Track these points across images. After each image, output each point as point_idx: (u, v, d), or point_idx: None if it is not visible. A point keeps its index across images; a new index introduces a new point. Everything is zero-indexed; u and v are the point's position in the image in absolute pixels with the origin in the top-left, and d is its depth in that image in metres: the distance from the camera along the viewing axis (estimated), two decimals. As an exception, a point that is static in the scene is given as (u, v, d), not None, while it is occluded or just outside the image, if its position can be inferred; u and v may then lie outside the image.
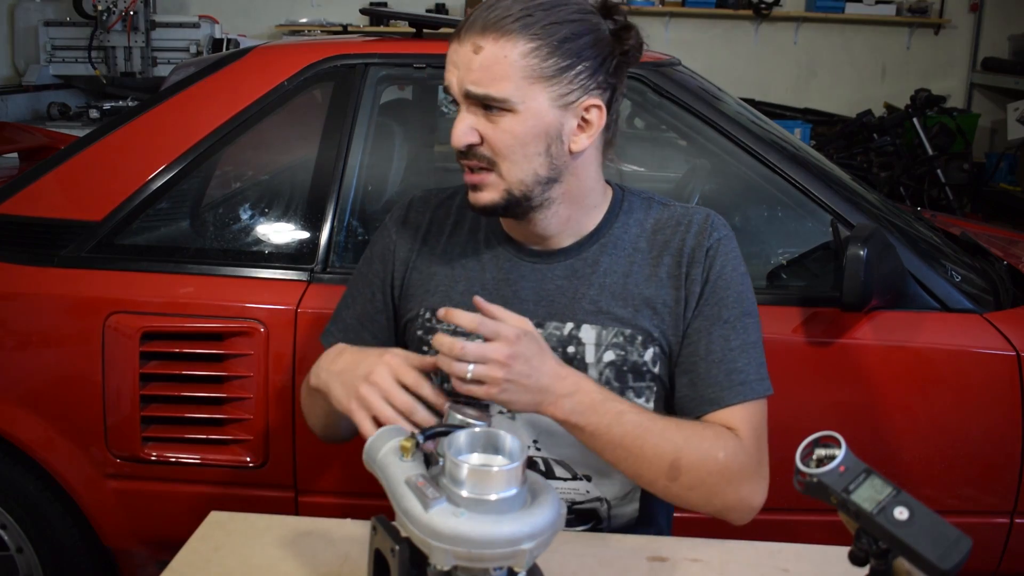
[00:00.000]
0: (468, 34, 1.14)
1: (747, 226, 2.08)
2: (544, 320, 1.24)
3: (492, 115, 1.15)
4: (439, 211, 1.35)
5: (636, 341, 1.22)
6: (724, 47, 6.58)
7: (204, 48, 5.39)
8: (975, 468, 1.79)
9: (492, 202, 1.19)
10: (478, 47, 1.13)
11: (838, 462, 0.87)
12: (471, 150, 1.17)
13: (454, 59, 1.16)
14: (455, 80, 1.16)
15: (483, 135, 1.16)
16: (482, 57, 1.13)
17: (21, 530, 1.86)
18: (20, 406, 1.82)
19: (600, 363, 1.22)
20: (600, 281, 1.24)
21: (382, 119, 2.10)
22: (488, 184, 1.18)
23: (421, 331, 1.28)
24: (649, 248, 1.26)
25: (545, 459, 1.25)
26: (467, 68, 1.14)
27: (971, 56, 6.63)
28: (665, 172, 2.59)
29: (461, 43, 1.15)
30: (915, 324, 1.78)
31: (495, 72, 1.13)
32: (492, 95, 1.14)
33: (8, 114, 5.09)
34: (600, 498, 1.26)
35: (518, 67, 1.14)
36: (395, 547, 0.89)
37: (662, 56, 2.15)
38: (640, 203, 1.30)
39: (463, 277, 1.28)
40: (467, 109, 1.16)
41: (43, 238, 1.87)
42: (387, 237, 1.35)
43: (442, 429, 0.92)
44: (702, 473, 1.14)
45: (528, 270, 1.26)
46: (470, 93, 1.14)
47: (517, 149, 1.16)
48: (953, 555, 0.80)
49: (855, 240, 1.64)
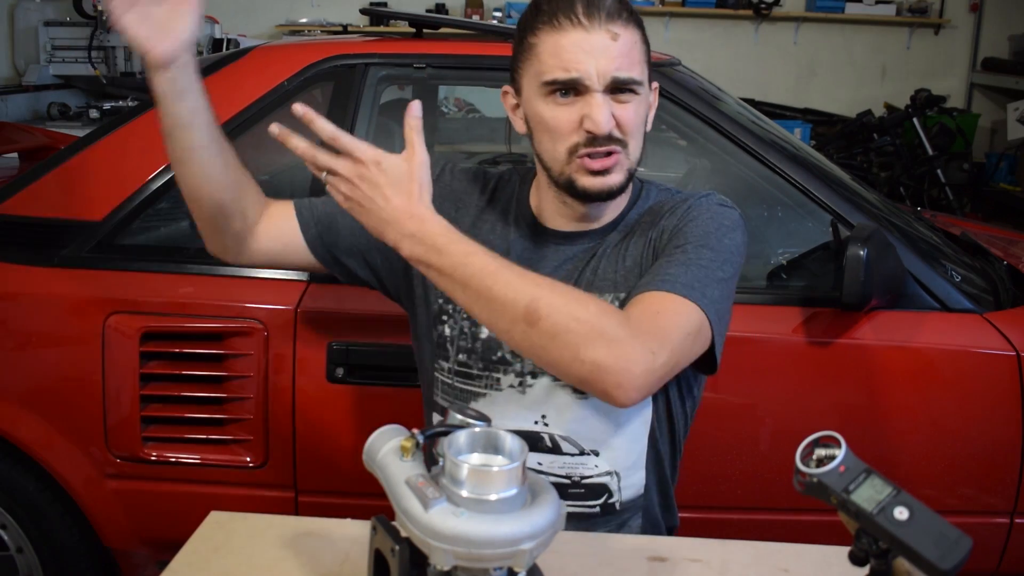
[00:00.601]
0: (595, 21, 1.17)
1: (747, 226, 2.08)
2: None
3: (622, 98, 1.19)
4: (475, 184, 1.38)
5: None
6: (724, 47, 6.58)
7: (204, 48, 5.39)
8: (975, 468, 1.79)
9: (619, 183, 1.22)
10: (615, 34, 1.17)
11: (838, 462, 0.87)
12: (609, 134, 1.19)
13: (585, 47, 1.17)
14: (593, 68, 1.16)
15: (617, 118, 1.19)
16: (620, 43, 1.17)
17: (21, 530, 1.86)
18: (20, 406, 1.82)
19: None
20: (603, 253, 1.28)
21: (382, 119, 2.10)
22: (618, 166, 1.21)
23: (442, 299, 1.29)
24: (652, 221, 1.29)
25: (551, 435, 1.26)
26: (607, 55, 1.17)
27: (971, 56, 6.64)
28: (665, 172, 2.59)
29: (590, 31, 1.17)
30: (915, 324, 1.78)
31: (633, 57, 1.19)
32: (635, 78, 1.19)
33: (8, 114, 5.09)
34: (610, 471, 1.27)
35: (642, 51, 1.22)
36: (395, 547, 0.89)
37: (662, 56, 2.15)
38: (658, 193, 1.34)
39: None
40: (603, 95, 1.18)
41: (43, 238, 1.87)
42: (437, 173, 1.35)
43: (442, 429, 0.92)
44: (564, 319, 1.03)
45: (550, 251, 1.29)
46: (618, 78, 1.17)
47: (640, 128, 1.23)
48: (953, 555, 0.80)
49: (855, 240, 1.64)
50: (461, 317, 1.29)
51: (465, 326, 1.28)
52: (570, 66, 1.17)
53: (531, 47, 1.21)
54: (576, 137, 1.20)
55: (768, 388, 1.78)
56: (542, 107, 1.21)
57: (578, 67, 1.17)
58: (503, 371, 1.26)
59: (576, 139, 1.20)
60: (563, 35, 1.17)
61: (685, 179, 2.38)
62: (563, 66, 1.17)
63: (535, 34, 1.20)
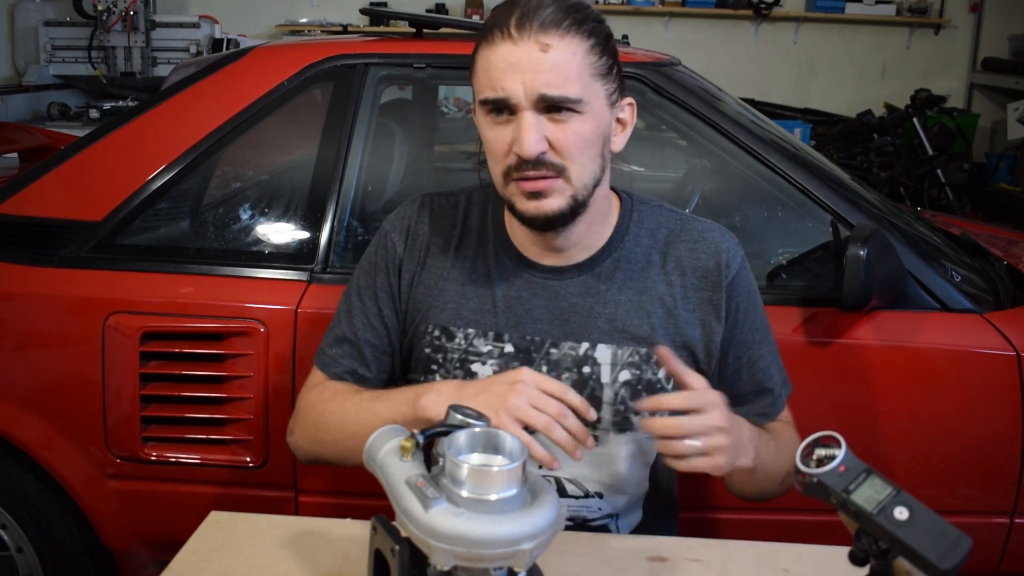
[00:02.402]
0: (524, 32, 1.08)
1: (747, 226, 2.08)
2: (559, 340, 1.22)
3: (558, 117, 1.10)
4: (443, 221, 1.29)
5: (651, 360, 1.22)
6: (724, 47, 6.58)
7: (204, 48, 5.39)
8: (975, 468, 1.79)
9: (559, 209, 1.13)
10: (545, 45, 1.07)
11: (838, 462, 0.87)
12: (540, 158, 1.10)
13: (511, 61, 1.08)
14: (520, 84, 1.08)
15: (551, 140, 1.10)
16: (552, 56, 1.07)
17: (21, 530, 1.86)
18: (20, 406, 1.82)
19: (616, 383, 1.21)
20: (615, 298, 1.22)
21: (382, 119, 2.10)
22: (555, 190, 1.12)
23: (429, 349, 1.25)
24: (662, 262, 1.24)
25: (556, 478, 1.25)
26: (535, 69, 1.07)
27: (971, 56, 6.64)
28: (665, 172, 2.59)
29: (517, 43, 1.08)
30: (915, 324, 1.78)
31: (568, 71, 1.08)
32: (568, 96, 1.08)
33: (8, 114, 5.09)
34: (612, 514, 1.26)
35: (585, 65, 1.10)
36: (395, 547, 0.89)
37: (662, 56, 2.15)
38: (650, 212, 1.27)
39: (473, 294, 1.24)
40: (533, 114, 1.09)
41: (43, 238, 1.87)
42: (391, 248, 1.29)
43: (442, 429, 0.92)
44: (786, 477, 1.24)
45: (540, 288, 1.23)
46: (546, 96, 1.08)
47: (584, 151, 1.12)
48: (953, 555, 0.80)
49: (855, 240, 1.63)
50: (453, 367, 1.24)
51: (459, 375, 1.23)
52: (496, 83, 1.09)
53: (473, 63, 1.15)
54: (508, 160, 1.12)
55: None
56: (483, 127, 1.15)
57: (503, 84, 1.08)
58: None
59: (508, 162, 1.12)
60: (493, 50, 1.10)
61: (685, 179, 2.38)
62: (491, 84, 1.10)
63: (477, 50, 1.14)
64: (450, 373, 1.24)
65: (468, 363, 1.23)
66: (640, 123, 2.72)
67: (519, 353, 1.22)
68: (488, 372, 1.22)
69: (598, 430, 1.23)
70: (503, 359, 1.22)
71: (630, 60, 1.98)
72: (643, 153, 2.66)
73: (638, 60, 1.99)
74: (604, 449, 1.23)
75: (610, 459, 1.24)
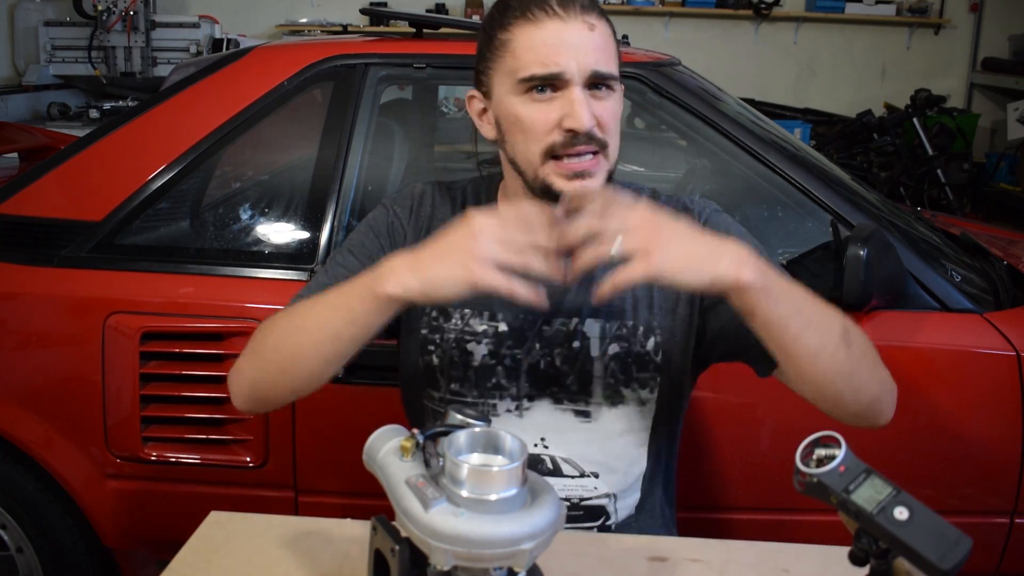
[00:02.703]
0: (571, 11, 1.11)
1: (747, 226, 2.06)
2: (551, 317, 1.24)
3: (599, 95, 1.13)
4: (442, 207, 1.30)
5: (638, 332, 1.23)
6: (724, 47, 6.58)
7: (204, 48, 5.39)
8: (975, 468, 1.79)
9: (598, 187, 1.14)
10: (592, 25, 1.11)
11: (838, 462, 0.87)
12: (590, 133, 1.11)
13: (564, 38, 1.10)
14: (574, 60, 1.09)
15: (596, 116, 1.12)
16: (597, 35, 1.11)
17: (21, 530, 1.86)
18: (20, 406, 1.82)
19: (605, 356, 1.23)
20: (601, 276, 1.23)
21: (382, 119, 2.10)
22: (599, 168, 1.14)
23: (427, 330, 1.25)
24: None
25: (552, 457, 1.25)
26: (586, 48, 1.10)
27: (971, 56, 6.64)
28: (665, 172, 2.59)
29: (567, 21, 1.10)
30: (915, 324, 1.78)
31: (611, 50, 1.14)
32: (614, 73, 1.13)
33: (8, 114, 5.09)
34: (608, 494, 1.27)
35: (615, 45, 1.16)
36: (395, 547, 0.89)
37: (662, 56, 2.15)
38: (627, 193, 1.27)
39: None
40: (582, 89, 1.11)
41: (43, 238, 1.87)
42: (391, 217, 1.28)
43: (442, 429, 0.92)
44: (863, 343, 1.10)
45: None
46: (598, 72, 1.11)
47: (617, 128, 1.16)
48: (953, 555, 0.80)
49: (855, 240, 1.64)
50: (449, 346, 1.23)
51: (455, 355, 1.23)
52: (548, 60, 1.10)
53: (503, 44, 1.14)
54: (553, 137, 1.12)
55: (768, 388, 1.77)
56: (518, 106, 1.14)
57: (557, 60, 1.10)
58: (499, 396, 1.24)
59: (553, 139, 1.12)
60: (539, 27, 1.11)
61: (685, 179, 2.38)
62: (541, 60, 1.10)
63: (507, 29, 1.13)
64: (447, 353, 1.24)
65: (464, 342, 1.24)
66: (640, 123, 2.74)
67: (512, 331, 1.23)
68: (483, 351, 1.23)
69: (591, 405, 1.24)
70: (497, 338, 1.24)
71: (630, 60, 1.98)
72: (643, 153, 2.66)
73: (638, 60, 1.99)
74: (598, 425, 1.24)
75: (604, 435, 1.25)
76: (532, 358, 1.24)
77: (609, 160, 1.15)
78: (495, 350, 1.24)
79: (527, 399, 1.24)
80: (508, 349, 1.24)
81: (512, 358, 1.24)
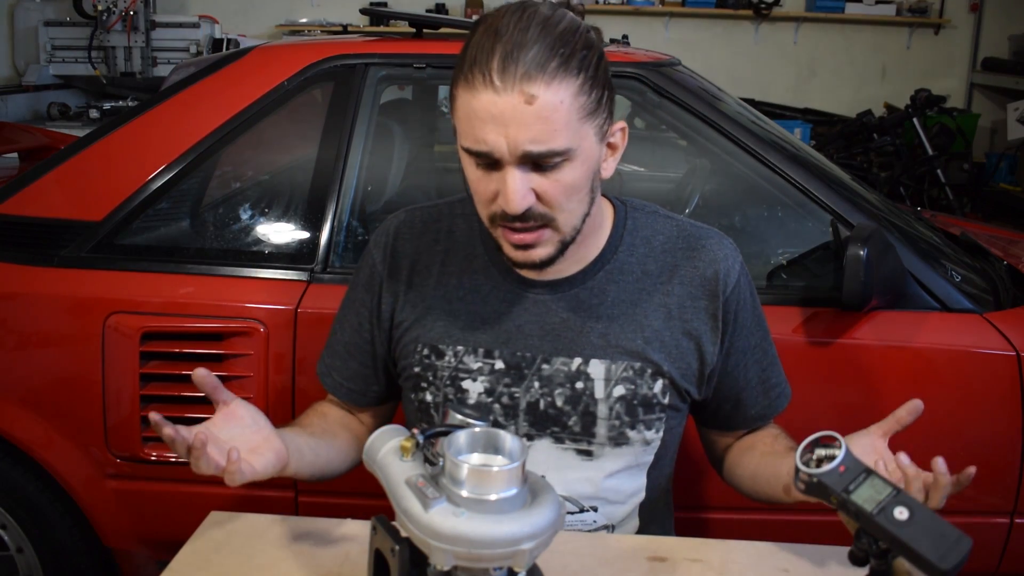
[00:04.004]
0: (508, 81, 0.99)
1: (747, 226, 2.08)
2: (550, 355, 1.20)
3: (546, 169, 1.04)
4: (425, 237, 1.26)
5: (646, 374, 1.19)
6: (724, 47, 6.58)
7: (204, 48, 5.39)
8: (975, 468, 1.79)
9: (547, 256, 1.11)
10: (530, 97, 0.99)
11: (838, 462, 0.87)
12: (527, 212, 1.05)
13: (493, 113, 1.00)
14: (503, 138, 1.01)
15: (538, 192, 1.05)
16: (537, 108, 1.00)
17: (21, 530, 1.86)
18: (20, 406, 1.82)
19: (610, 398, 1.19)
20: (608, 312, 1.19)
21: (382, 119, 2.10)
22: (544, 240, 1.09)
23: (419, 368, 1.23)
24: (659, 272, 1.21)
25: None
26: (519, 124, 1.00)
27: (971, 56, 6.64)
28: (665, 172, 2.59)
29: (500, 93, 1.00)
30: (915, 324, 1.78)
31: (555, 122, 1.01)
32: (555, 149, 1.02)
33: (8, 114, 5.09)
34: (606, 525, 1.25)
35: (573, 110, 1.02)
36: (395, 547, 0.89)
37: (662, 56, 2.15)
38: (645, 218, 1.24)
39: (463, 311, 1.22)
40: (518, 168, 1.03)
41: (43, 238, 1.87)
42: (371, 266, 1.27)
43: (442, 429, 0.92)
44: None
45: (531, 303, 1.20)
46: (531, 153, 1.01)
47: (573, 197, 1.07)
48: (953, 555, 0.80)
49: (855, 240, 1.63)
50: (443, 384, 1.21)
51: (449, 392, 1.21)
52: (479, 137, 1.02)
53: (453, 100, 1.07)
54: (495, 207, 1.08)
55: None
56: (467, 167, 1.09)
57: (486, 139, 1.02)
58: None
59: (494, 209, 1.08)
60: (474, 97, 1.01)
61: (685, 179, 2.38)
62: (473, 135, 1.03)
63: (456, 86, 1.05)
64: (440, 391, 1.22)
65: (459, 380, 1.21)
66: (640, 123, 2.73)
67: (510, 369, 1.20)
68: (479, 389, 1.20)
69: (593, 445, 1.21)
70: (494, 375, 1.20)
71: (630, 60, 1.98)
72: (643, 153, 2.66)
73: (638, 60, 1.99)
74: (599, 463, 1.21)
75: (606, 473, 1.22)
76: (531, 396, 1.20)
77: (560, 231, 1.10)
78: (491, 387, 1.20)
79: (527, 438, 1.21)
80: (505, 387, 1.20)
81: (510, 396, 1.20)
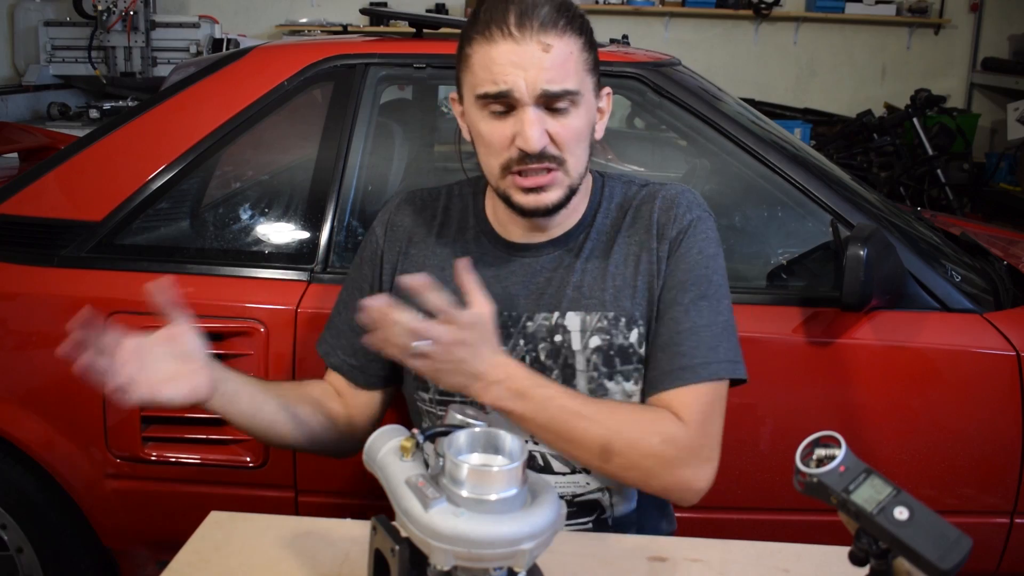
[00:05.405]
0: (526, 31, 1.14)
1: (747, 226, 2.08)
2: (533, 312, 1.25)
3: (557, 111, 1.16)
4: (424, 213, 1.36)
5: (620, 323, 1.23)
6: (724, 47, 6.58)
7: (204, 48, 5.39)
8: (975, 468, 1.79)
9: (557, 201, 1.20)
10: (547, 45, 1.14)
11: (838, 462, 0.87)
12: (542, 151, 1.16)
13: (514, 60, 1.14)
14: (523, 81, 1.14)
15: (551, 134, 1.16)
16: (553, 54, 1.14)
17: (21, 530, 1.86)
18: (20, 406, 1.82)
19: (587, 349, 1.23)
20: (582, 267, 1.26)
21: (382, 119, 2.10)
22: (556, 183, 1.19)
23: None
24: (628, 227, 1.28)
25: (543, 454, 1.25)
26: (538, 67, 1.14)
27: (971, 56, 6.64)
28: (665, 172, 2.59)
29: (520, 43, 1.14)
30: (915, 324, 1.78)
31: (568, 67, 1.16)
32: (568, 89, 1.15)
33: (8, 114, 5.09)
34: (602, 488, 1.27)
35: (581, 60, 1.18)
36: (395, 547, 0.89)
37: (662, 56, 2.15)
38: (620, 187, 1.32)
39: (453, 279, 1.24)
40: (535, 109, 1.15)
41: (43, 238, 1.87)
42: (374, 242, 1.36)
43: (442, 429, 0.92)
44: (635, 456, 1.16)
45: (517, 266, 1.28)
46: (548, 92, 1.14)
47: (579, 142, 1.19)
48: (953, 555, 0.80)
49: (855, 240, 1.63)
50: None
51: None
52: (499, 79, 1.15)
53: (466, 58, 1.20)
54: (509, 153, 1.18)
55: (768, 388, 1.78)
56: (479, 121, 1.20)
57: (506, 79, 1.14)
58: None
59: (509, 155, 1.18)
60: (493, 47, 1.15)
61: (685, 179, 2.38)
62: (492, 79, 1.15)
63: (470, 44, 1.19)
64: None
65: None
66: (640, 123, 2.74)
67: (498, 330, 1.22)
68: None
69: None
70: None
71: (630, 60, 1.98)
72: (643, 153, 2.66)
73: (638, 60, 1.99)
74: None
75: None
76: (517, 354, 1.25)
77: (569, 175, 1.20)
78: None
79: None
80: None
81: None
